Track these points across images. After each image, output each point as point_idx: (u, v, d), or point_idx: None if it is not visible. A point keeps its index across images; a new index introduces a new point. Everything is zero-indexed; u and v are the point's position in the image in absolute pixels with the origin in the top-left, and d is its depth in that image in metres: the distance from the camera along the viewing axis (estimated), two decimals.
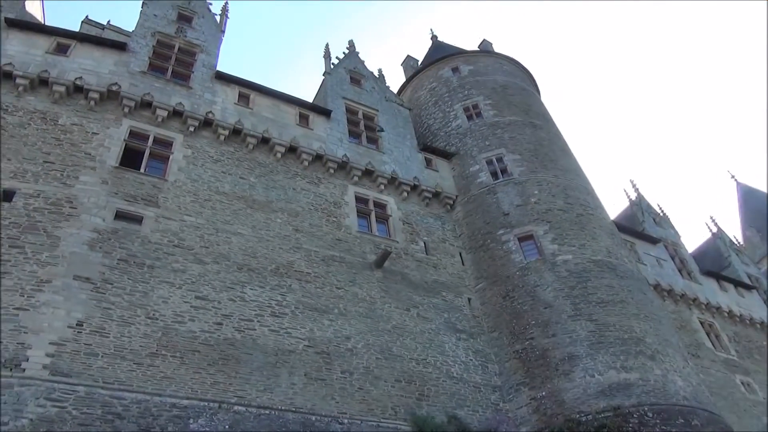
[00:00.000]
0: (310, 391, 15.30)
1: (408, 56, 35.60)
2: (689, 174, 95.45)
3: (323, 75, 26.30)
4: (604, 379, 17.18)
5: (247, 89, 22.19)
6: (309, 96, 27.52)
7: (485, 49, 33.06)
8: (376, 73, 28.54)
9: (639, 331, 18.58)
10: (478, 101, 27.64)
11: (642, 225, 31.51)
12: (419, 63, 34.26)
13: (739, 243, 41.17)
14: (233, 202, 18.56)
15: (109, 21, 24.66)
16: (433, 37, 36.80)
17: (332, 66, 26.75)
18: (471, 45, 33.79)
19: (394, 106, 26.96)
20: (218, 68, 22.29)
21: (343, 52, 28.18)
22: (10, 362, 12.42)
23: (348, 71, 27.07)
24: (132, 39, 21.21)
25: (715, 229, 39.30)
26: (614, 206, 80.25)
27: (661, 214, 34.17)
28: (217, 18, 24.86)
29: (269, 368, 15.19)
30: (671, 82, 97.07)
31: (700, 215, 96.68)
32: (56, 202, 15.67)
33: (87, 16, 24.44)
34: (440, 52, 32.60)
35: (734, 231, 52.27)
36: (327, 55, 27.18)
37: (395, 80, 75.57)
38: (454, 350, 18.78)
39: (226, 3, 25.88)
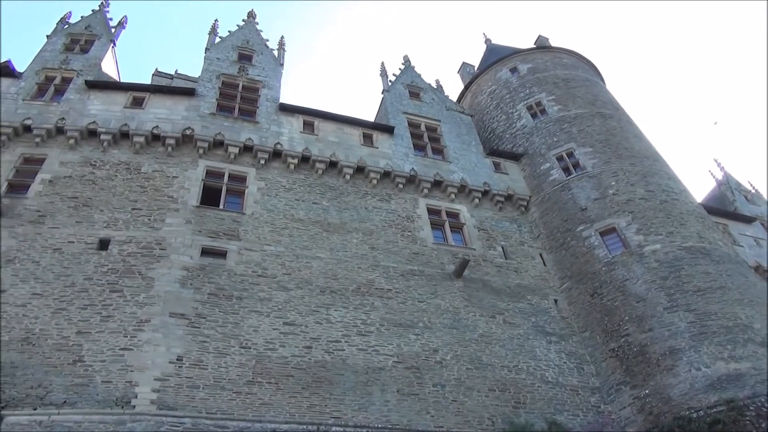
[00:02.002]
0: (404, 407, 15.29)
1: (464, 63, 35.54)
2: None
3: (382, 93, 26.67)
4: (711, 371, 16.17)
5: (310, 117, 22.82)
6: (369, 115, 27.94)
7: (542, 45, 32.43)
8: (434, 85, 28.65)
9: (744, 318, 17.41)
10: (540, 98, 27.13)
11: (733, 205, 29.70)
12: (475, 68, 34.07)
13: None
14: (309, 228, 19.01)
15: (176, 70, 26.15)
16: (487, 41, 36.50)
17: (390, 83, 27.10)
18: (526, 43, 33.21)
19: (455, 115, 26.89)
20: (281, 100, 23.07)
21: (399, 68, 28.50)
22: (121, 400, 13.20)
23: (406, 86, 27.31)
24: (199, 84, 22.38)
25: None
26: (700, 189, 76.09)
27: (753, 191, 32.09)
28: (275, 52, 25.80)
29: (361, 387, 15.33)
30: (738, 55, 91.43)
31: None
32: (147, 245, 16.62)
33: (156, 69, 26.03)
34: (496, 55, 32.27)
35: None
36: (383, 73, 27.57)
37: (453, 89, 75.42)
38: (545, 354, 18.27)
39: (282, 37, 26.82)
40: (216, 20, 26.16)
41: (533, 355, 18.06)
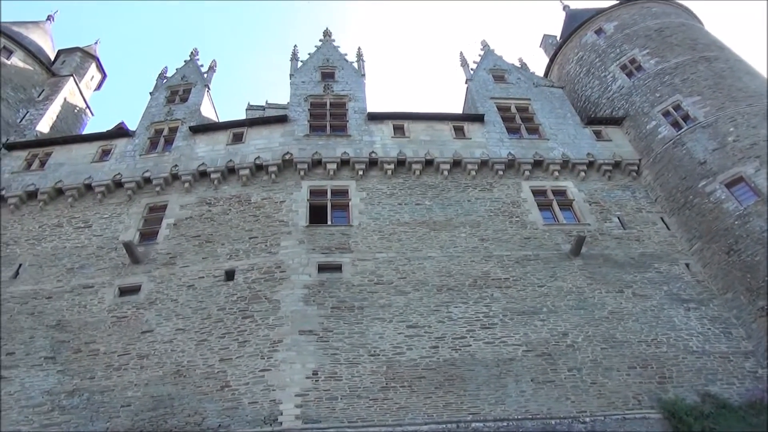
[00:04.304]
0: (541, 396, 14.94)
1: (544, 35, 34.27)
2: None
3: (466, 83, 26.36)
4: None
5: (399, 120, 23.01)
6: (456, 107, 27.67)
7: None
8: (517, 64, 27.93)
9: None
10: (634, 55, 25.54)
11: None
12: (557, 38, 32.73)
13: None
14: (416, 229, 19.14)
15: (267, 101, 27.44)
16: (565, 7, 34.91)
17: (471, 71, 26.74)
18: (608, 2, 31.38)
19: (545, 90, 26.01)
20: (369, 110, 23.46)
21: (479, 55, 28.04)
22: (269, 418, 13.98)
23: (489, 71, 26.81)
24: (290, 109, 23.34)
25: None
26: None
27: None
28: (355, 64, 26.31)
29: (494, 380, 15.16)
30: None
31: None
32: (268, 270, 17.52)
33: (249, 103, 27.45)
34: (577, 20, 30.79)
35: None
36: (464, 63, 27.27)
37: (538, 65, 72.81)
38: (685, 323, 17.11)
39: (359, 48, 27.28)
40: (295, 45, 27.16)
41: (672, 325, 16.98)
